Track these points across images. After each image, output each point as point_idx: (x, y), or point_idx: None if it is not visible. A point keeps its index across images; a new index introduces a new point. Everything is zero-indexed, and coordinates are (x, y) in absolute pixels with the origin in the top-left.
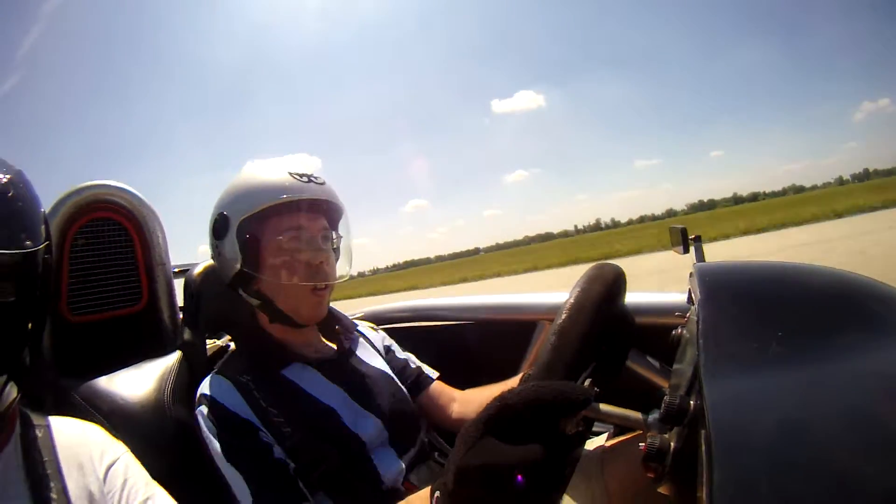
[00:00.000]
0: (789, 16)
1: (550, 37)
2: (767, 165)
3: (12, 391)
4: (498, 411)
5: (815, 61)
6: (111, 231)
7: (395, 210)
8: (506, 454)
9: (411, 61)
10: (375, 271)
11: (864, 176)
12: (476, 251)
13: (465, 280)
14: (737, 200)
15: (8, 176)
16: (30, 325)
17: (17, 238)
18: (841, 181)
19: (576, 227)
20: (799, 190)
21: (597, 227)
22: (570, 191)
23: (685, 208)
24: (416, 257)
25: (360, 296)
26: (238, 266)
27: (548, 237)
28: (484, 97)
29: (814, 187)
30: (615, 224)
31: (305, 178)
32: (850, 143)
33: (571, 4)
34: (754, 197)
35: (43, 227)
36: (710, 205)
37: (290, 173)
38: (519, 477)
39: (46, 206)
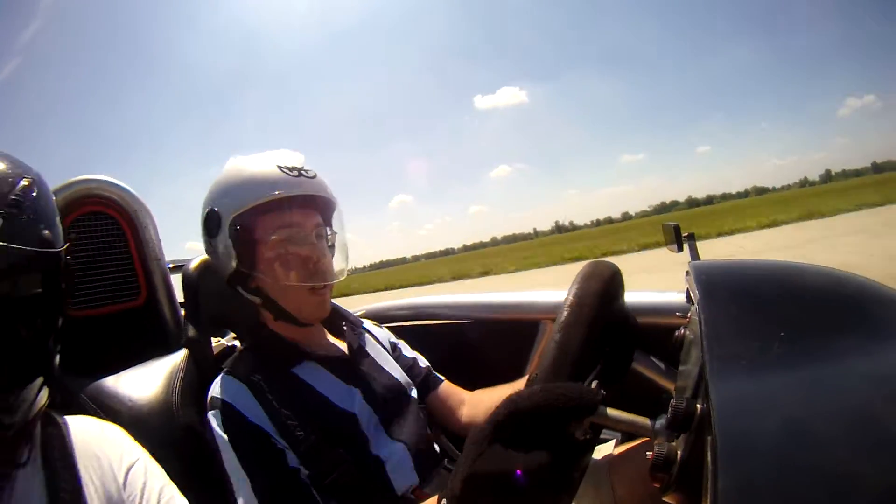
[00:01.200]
0: (774, 12)
1: (532, 33)
2: (755, 161)
3: (45, 395)
4: (506, 417)
5: (801, 57)
6: (103, 225)
7: (381, 206)
8: (514, 461)
9: (393, 59)
10: (354, 270)
11: (826, 178)
12: (450, 251)
13: (389, 287)
14: (691, 203)
15: (31, 178)
16: (59, 328)
17: (43, 235)
18: (806, 182)
19: (535, 230)
20: (761, 192)
21: (557, 229)
22: (558, 186)
23: (647, 209)
24: (391, 257)
25: None
26: (234, 264)
27: (513, 239)
28: (467, 93)
29: (785, 187)
30: (573, 227)
31: (296, 172)
32: (837, 138)
33: (554, 1)
34: (709, 200)
35: (62, 230)
36: (671, 206)
37: (280, 167)
38: (521, 475)
39: None
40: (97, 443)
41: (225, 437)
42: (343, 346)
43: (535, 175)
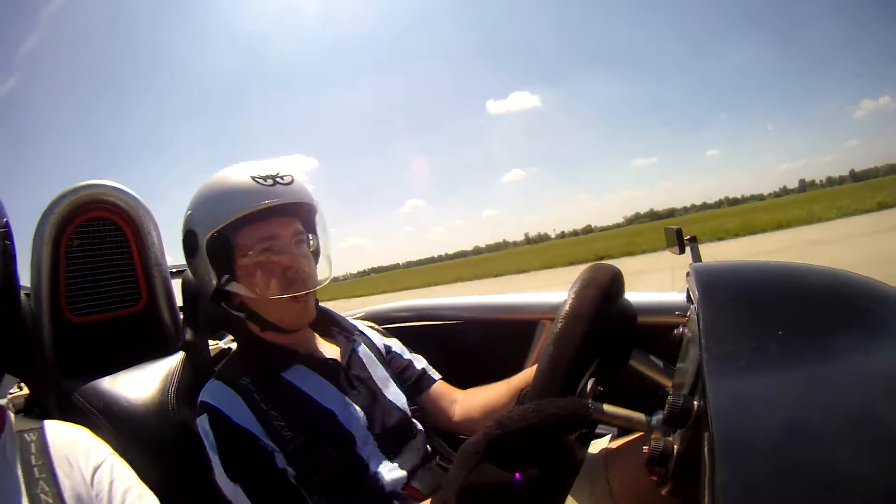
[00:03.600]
0: (787, 13)
1: (544, 38)
2: (765, 164)
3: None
4: (499, 438)
5: (813, 58)
6: (107, 231)
7: (393, 210)
8: (507, 476)
9: (403, 65)
10: (346, 277)
11: (803, 187)
12: (440, 259)
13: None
14: (653, 216)
15: None
16: None
17: None
18: (786, 190)
19: (504, 240)
20: (734, 202)
21: (527, 241)
22: (570, 190)
23: (614, 223)
24: (385, 263)
25: None
26: (214, 283)
27: (497, 247)
28: (479, 98)
29: (761, 196)
30: (542, 238)
31: (270, 181)
32: (849, 141)
33: (563, 5)
34: (670, 213)
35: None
36: (635, 219)
37: (253, 178)
38: (517, 476)
39: (42, 206)
40: (67, 445)
41: (213, 441)
42: (335, 350)
43: (547, 179)
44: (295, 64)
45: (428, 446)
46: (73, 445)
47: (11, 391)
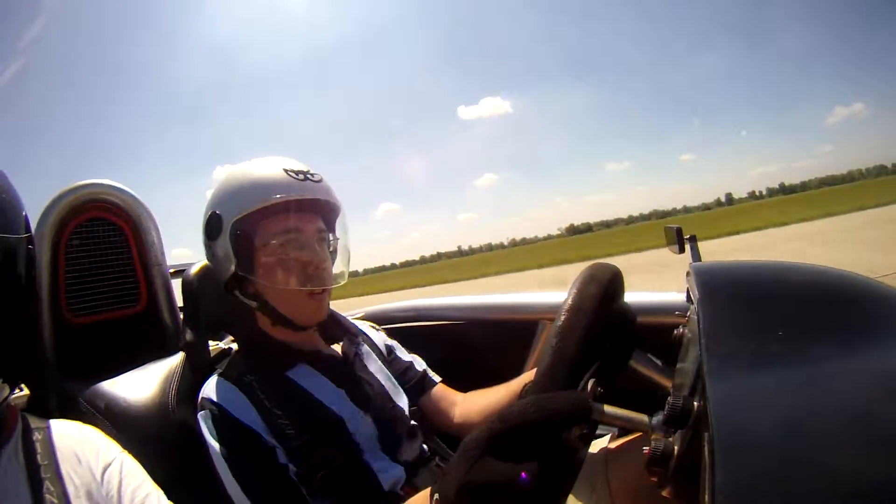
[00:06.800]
0: (761, 19)
1: (513, 45)
2: (739, 168)
3: (4, 389)
4: (500, 433)
5: (788, 65)
6: (106, 231)
7: (366, 213)
8: (508, 472)
9: (376, 69)
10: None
11: (729, 201)
12: (392, 266)
13: None
14: (574, 231)
15: None
16: (16, 321)
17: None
18: (719, 203)
19: (438, 252)
20: (663, 216)
21: (459, 253)
22: (546, 193)
23: (560, 231)
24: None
25: None
26: (232, 268)
27: (438, 257)
28: (450, 104)
29: (686, 208)
30: (471, 251)
31: (301, 176)
32: (823, 146)
33: (531, 11)
34: (588, 227)
35: (24, 222)
36: (585, 229)
37: (286, 170)
38: (524, 475)
39: (41, 205)
40: (76, 444)
41: (214, 437)
42: (338, 350)
43: (522, 183)
44: (263, 70)
45: (426, 447)
46: (83, 443)
47: (13, 393)
